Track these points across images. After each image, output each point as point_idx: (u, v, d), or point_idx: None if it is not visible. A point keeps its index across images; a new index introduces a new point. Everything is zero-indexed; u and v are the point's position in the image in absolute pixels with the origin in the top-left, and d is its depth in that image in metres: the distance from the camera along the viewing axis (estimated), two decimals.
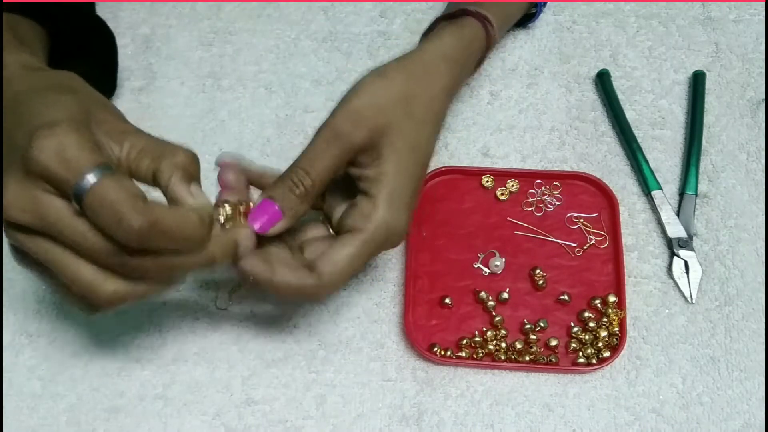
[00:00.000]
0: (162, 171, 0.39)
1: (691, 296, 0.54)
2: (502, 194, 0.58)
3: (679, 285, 0.55)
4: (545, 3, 0.63)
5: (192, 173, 0.40)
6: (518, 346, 0.52)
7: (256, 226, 0.42)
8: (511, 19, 0.61)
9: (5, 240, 0.41)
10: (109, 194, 0.34)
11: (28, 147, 0.35)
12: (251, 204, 0.43)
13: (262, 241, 0.43)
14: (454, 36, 0.52)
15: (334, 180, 0.45)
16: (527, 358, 0.52)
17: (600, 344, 0.52)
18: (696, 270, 0.55)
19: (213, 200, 0.43)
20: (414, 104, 0.46)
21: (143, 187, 0.37)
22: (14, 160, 0.36)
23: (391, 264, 0.56)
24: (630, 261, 0.56)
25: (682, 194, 0.58)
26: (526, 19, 0.63)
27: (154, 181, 0.39)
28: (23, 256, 0.38)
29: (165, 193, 0.39)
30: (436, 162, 0.59)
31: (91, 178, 0.34)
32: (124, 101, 0.63)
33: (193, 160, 0.40)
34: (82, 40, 0.55)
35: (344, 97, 0.46)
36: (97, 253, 0.36)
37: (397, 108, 0.45)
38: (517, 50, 0.64)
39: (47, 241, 0.36)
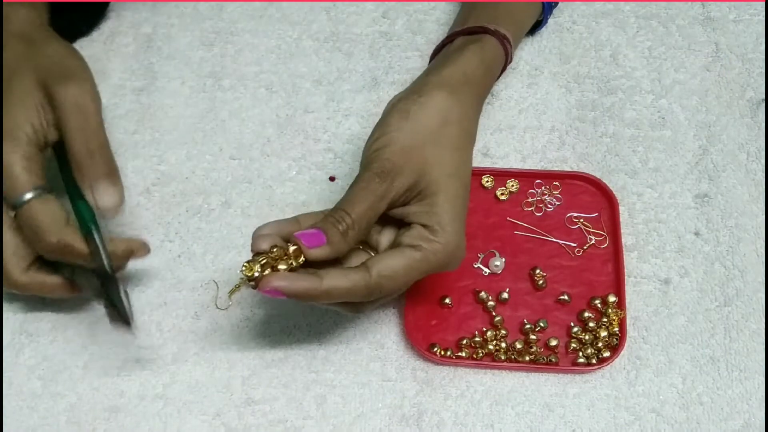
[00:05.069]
0: None
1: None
2: (502, 194, 0.58)
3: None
4: (552, 10, 0.62)
5: None
6: (518, 346, 0.52)
7: (303, 241, 0.42)
8: (524, 33, 0.61)
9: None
10: (37, 214, 0.45)
11: None
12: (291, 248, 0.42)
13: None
14: (476, 57, 0.51)
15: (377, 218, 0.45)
16: (527, 358, 0.52)
17: (600, 344, 0.52)
18: None
19: None
20: (445, 136, 0.46)
21: None
22: None
23: None
24: (630, 261, 0.56)
25: None
26: (534, 27, 0.63)
27: None
28: None
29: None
30: None
31: (27, 197, 0.45)
32: (125, 101, 0.63)
33: None
34: None
35: (374, 142, 0.46)
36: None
37: (428, 147, 0.45)
38: (517, 50, 0.64)
39: None
